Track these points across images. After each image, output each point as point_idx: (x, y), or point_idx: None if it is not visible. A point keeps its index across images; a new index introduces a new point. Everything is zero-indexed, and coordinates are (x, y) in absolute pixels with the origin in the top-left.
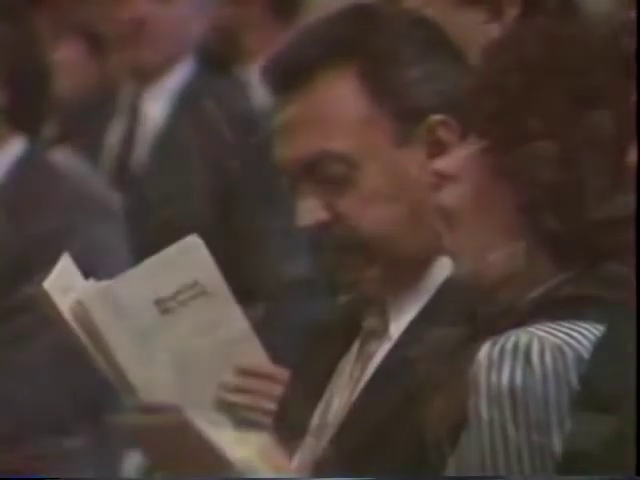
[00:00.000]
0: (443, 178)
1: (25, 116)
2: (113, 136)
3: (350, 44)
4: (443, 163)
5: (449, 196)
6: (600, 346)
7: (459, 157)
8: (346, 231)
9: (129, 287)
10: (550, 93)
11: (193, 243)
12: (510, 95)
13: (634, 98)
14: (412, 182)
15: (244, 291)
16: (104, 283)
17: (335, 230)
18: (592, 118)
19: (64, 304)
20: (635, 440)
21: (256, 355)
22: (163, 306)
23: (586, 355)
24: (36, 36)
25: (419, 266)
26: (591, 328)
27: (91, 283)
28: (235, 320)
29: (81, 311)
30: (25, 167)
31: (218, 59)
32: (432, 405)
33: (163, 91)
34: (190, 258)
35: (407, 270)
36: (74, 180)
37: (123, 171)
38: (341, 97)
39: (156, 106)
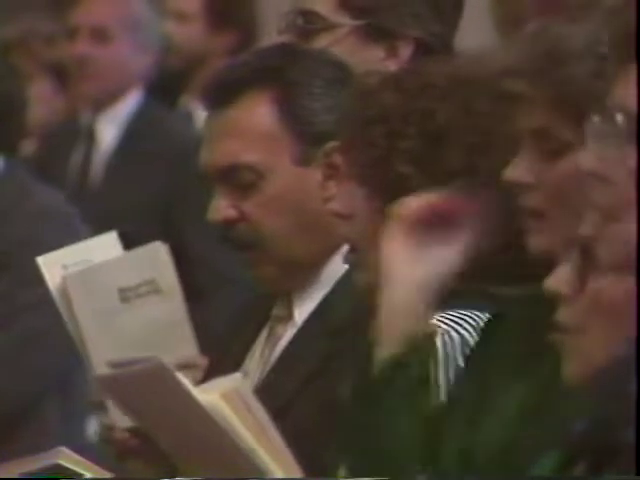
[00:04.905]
0: (340, 217)
1: (4, 138)
2: (74, 158)
3: (271, 73)
4: (337, 205)
5: (348, 230)
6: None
7: (349, 200)
8: (248, 230)
9: (101, 273)
10: (408, 137)
11: (157, 247)
12: (377, 146)
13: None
14: (309, 197)
15: (184, 289)
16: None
17: (239, 228)
18: (445, 153)
19: (55, 277)
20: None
21: (188, 347)
22: (124, 295)
23: (469, 338)
24: (15, 71)
25: (316, 264)
26: (474, 316)
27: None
28: (179, 318)
29: (62, 286)
30: (2, 183)
31: (165, 91)
32: (343, 382)
33: (114, 119)
34: (152, 259)
35: (303, 268)
36: (44, 195)
37: (82, 188)
38: (256, 116)
39: (108, 132)
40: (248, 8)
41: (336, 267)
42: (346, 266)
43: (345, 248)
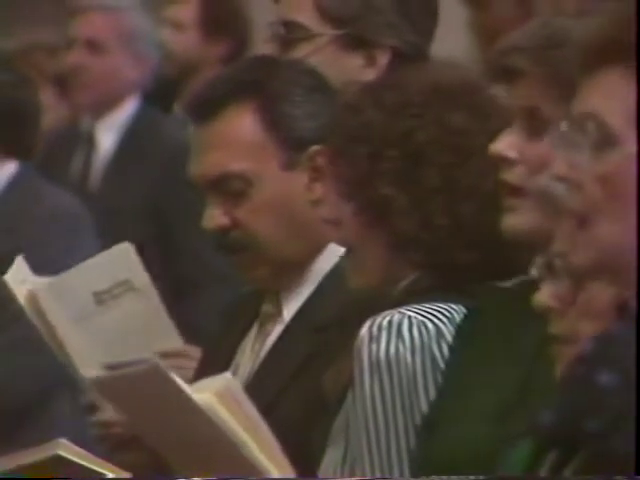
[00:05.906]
0: (328, 223)
1: (18, 144)
2: (75, 162)
3: (251, 86)
4: (325, 211)
5: (338, 235)
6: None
7: (335, 207)
8: (241, 235)
9: (72, 281)
10: (389, 159)
11: (125, 248)
12: (360, 166)
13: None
14: (297, 200)
15: (177, 285)
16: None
17: (232, 234)
18: (425, 172)
19: (20, 293)
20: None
21: (172, 339)
22: (99, 298)
23: (444, 329)
24: (27, 79)
25: (304, 263)
26: (450, 309)
27: (39, 278)
28: (157, 311)
29: (32, 299)
30: (16, 186)
31: (160, 98)
32: (327, 372)
33: (113, 125)
34: (123, 260)
35: (292, 267)
36: (55, 198)
37: (82, 191)
38: (241, 127)
39: (107, 137)
40: (242, 18)
41: (322, 266)
42: (332, 264)
43: (334, 248)
